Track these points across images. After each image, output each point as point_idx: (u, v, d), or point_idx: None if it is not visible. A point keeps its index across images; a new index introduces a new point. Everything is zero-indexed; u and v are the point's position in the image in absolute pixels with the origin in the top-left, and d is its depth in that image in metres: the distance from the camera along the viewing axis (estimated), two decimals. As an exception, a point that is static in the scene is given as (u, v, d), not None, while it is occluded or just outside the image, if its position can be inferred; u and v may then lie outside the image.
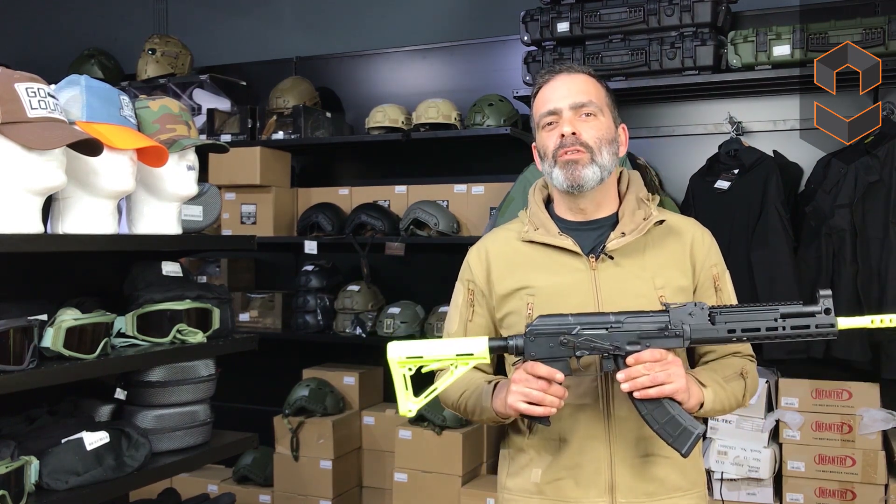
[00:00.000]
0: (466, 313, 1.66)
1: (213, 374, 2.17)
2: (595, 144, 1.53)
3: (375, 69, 4.24)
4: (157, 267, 2.10)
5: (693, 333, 1.41)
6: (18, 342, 1.63)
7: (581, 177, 1.52)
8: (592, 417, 1.52)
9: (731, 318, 1.41)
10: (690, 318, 1.41)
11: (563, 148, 1.53)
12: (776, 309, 1.39)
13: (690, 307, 1.41)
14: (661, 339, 1.41)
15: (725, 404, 1.53)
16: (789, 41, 3.04)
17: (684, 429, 1.41)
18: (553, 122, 1.56)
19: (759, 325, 1.39)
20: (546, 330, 1.42)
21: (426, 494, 3.43)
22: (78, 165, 1.75)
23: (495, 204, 3.44)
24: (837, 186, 2.98)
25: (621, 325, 1.41)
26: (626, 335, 1.41)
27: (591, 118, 1.55)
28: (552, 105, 1.56)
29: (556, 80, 1.59)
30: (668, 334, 1.41)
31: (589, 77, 1.59)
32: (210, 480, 3.81)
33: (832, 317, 1.38)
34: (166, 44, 4.39)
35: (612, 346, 1.41)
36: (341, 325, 3.85)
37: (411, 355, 1.46)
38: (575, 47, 3.36)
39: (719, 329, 1.40)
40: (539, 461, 1.57)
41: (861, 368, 3.07)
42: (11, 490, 1.59)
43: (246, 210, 4.03)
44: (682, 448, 1.41)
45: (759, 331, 1.40)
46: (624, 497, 1.51)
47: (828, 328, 1.38)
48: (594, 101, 1.56)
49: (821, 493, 2.99)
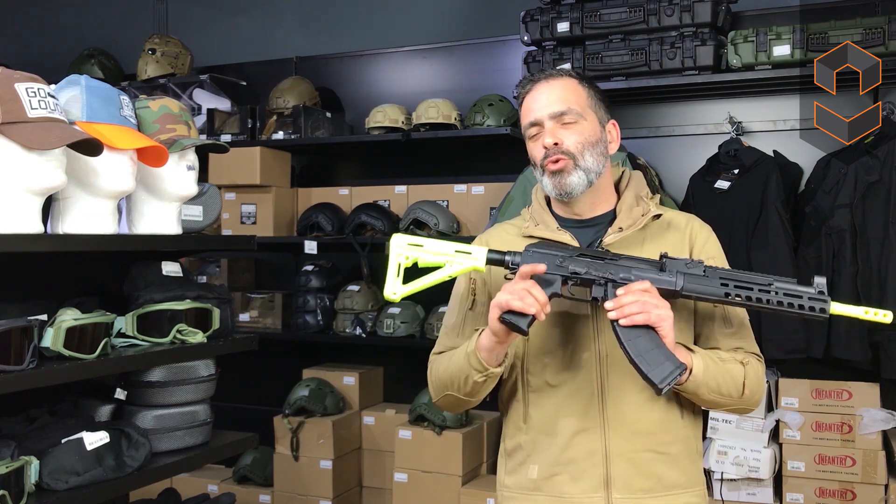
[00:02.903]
0: (467, 302, 1.66)
1: (213, 374, 2.17)
2: (577, 150, 1.54)
3: (375, 69, 4.24)
4: (157, 267, 2.10)
5: (686, 281, 1.43)
6: (18, 342, 1.63)
7: (567, 184, 1.55)
8: (587, 410, 1.52)
9: (725, 274, 1.44)
10: (685, 268, 1.44)
11: (546, 158, 1.56)
12: (771, 278, 1.42)
13: (687, 260, 1.45)
14: (655, 277, 1.44)
15: (720, 381, 1.48)
16: (789, 41, 3.04)
17: (665, 362, 1.39)
18: (536, 133, 1.59)
19: (753, 286, 1.41)
20: (545, 251, 1.47)
21: (426, 494, 3.43)
22: (78, 165, 1.75)
23: (495, 204, 3.44)
24: (837, 186, 2.98)
25: (617, 261, 1.46)
26: (620, 268, 1.45)
27: (571, 125, 1.56)
28: (532, 116, 1.59)
29: (536, 89, 1.60)
30: (662, 275, 1.43)
31: (569, 81, 1.60)
32: (210, 480, 3.81)
33: (825, 297, 1.40)
34: (166, 44, 4.39)
35: (603, 276, 1.44)
36: (341, 325, 3.85)
37: (412, 242, 1.53)
38: (575, 47, 3.36)
39: (712, 281, 1.42)
40: (535, 457, 1.57)
41: (861, 368, 3.07)
42: (11, 490, 1.59)
43: (246, 210, 4.03)
44: (658, 379, 1.38)
45: (751, 290, 1.41)
46: (620, 493, 1.51)
47: (821, 304, 1.40)
48: (573, 108, 1.56)
49: (821, 494, 2.99)
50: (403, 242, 1.53)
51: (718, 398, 1.50)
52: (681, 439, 1.56)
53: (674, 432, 1.55)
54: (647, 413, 1.53)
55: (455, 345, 1.61)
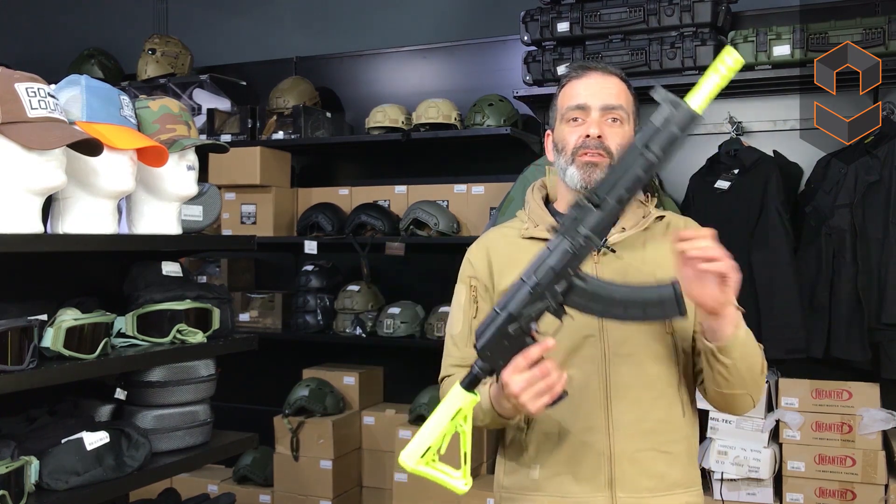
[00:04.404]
0: (470, 311, 1.63)
1: (213, 374, 2.17)
2: (617, 152, 1.51)
3: (375, 69, 4.24)
4: (157, 267, 2.10)
5: (587, 225, 1.30)
6: (18, 342, 1.63)
7: (596, 181, 1.50)
8: (592, 409, 1.51)
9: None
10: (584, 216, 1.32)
11: (584, 148, 1.51)
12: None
13: (575, 212, 1.32)
14: (570, 259, 1.32)
15: (752, 352, 1.44)
16: (789, 41, 3.04)
17: (660, 288, 1.34)
18: (579, 119, 1.54)
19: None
20: (490, 336, 1.35)
21: (426, 494, 3.43)
22: (78, 165, 1.75)
23: (495, 204, 3.44)
24: (837, 186, 2.98)
25: (533, 277, 1.33)
26: (545, 280, 1.32)
27: (617, 124, 1.53)
28: (582, 101, 1.53)
29: (590, 76, 1.56)
30: (570, 246, 1.31)
31: (622, 82, 1.58)
32: (210, 480, 3.81)
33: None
34: (166, 44, 4.39)
35: (550, 301, 1.33)
36: (341, 325, 3.85)
37: (421, 453, 1.38)
38: (575, 47, 3.36)
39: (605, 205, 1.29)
40: (538, 457, 1.55)
41: (861, 368, 3.07)
42: (11, 490, 1.59)
43: (246, 210, 4.03)
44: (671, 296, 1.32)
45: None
46: (624, 492, 1.50)
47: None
48: (624, 107, 1.54)
49: (821, 494, 2.99)
50: (415, 461, 1.38)
51: (746, 373, 1.45)
52: (682, 438, 1.55)
53: (676, 431, 1.54)
54: (652, 412, 1.52)
55: (464, 355, 1.58)
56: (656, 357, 1.53)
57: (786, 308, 2.97)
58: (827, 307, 2.97)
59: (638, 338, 1.51)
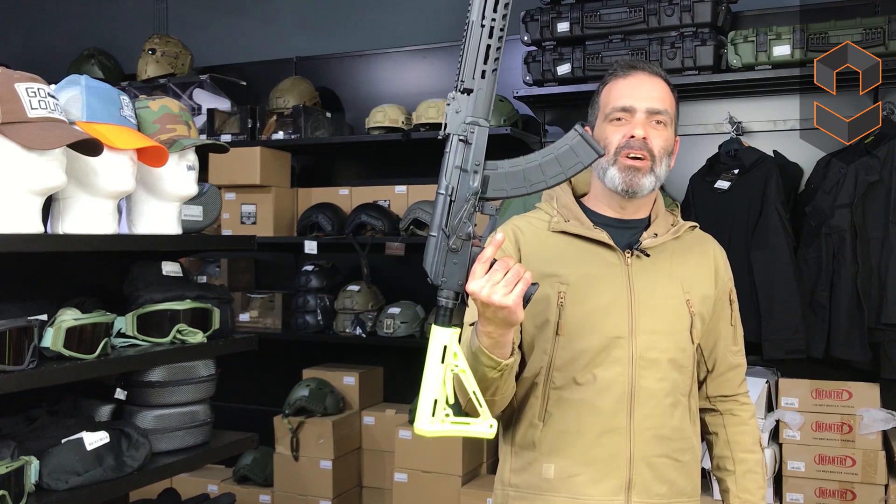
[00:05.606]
0: None
1: (213, 374, 2.17)
2: (659, 154, 1.52)
3: (375, 69, 4.24)
4: (157, 267, 2.10)
5: (467, 112, 1.37)
6: (18, 342, 1.63)
7: (638, 184, 1.51)
8: (615, 411, 1.49)
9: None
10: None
11: (628, 149, 1.51)
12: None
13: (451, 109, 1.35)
14: (467, 150, 1.38)
15: (762, 482, 1.64)
16: (789, 41, 3.04)
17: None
18: (623, 119, 1.53)
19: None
20: (435, 261, 1.29)
21: (426, 494, 3.43)
22: (78, 165, 1.75)
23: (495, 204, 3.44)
24: (837, 186, 2.97)
25: (444, 183, 1.34)
26: (454, 180, 1.36)
27: (661, 126, 1.53)
28: (629, 102, 1.53)
29: (637, 77, 1.56)
30: (462, 137, 1.38)
31: (666, 84, 1.58)
32: (210, 480, 3.81)
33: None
34: (166, 44, 4.39)
35: (472, 199, 1.35)
36: (341, 325, 3.85)
37: (431, 412, 1.30)
38: (575, 47, 3.36)
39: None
40: (553, 456, 1.52)
41: (861, 368, 3.07)
42: (11, 490, 1.59)
43: (246, 210, 4.03)
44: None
45: None
46: (639, 497, 1.49)
47: None
48: (668, 111, 1.54)
49: (821, 494, 2.98)
50: (431, 425, 1.29)
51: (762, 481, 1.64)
52: (690, 448, 1.56)
53: (686, 440, 1.55)
54: (668, 419, 1.52)
55: None
56: (677, 365, 1.53)
57: (786, 308, 2.98)
58: (827, 307, 2.97)
59: (663, 344, 1.51)
